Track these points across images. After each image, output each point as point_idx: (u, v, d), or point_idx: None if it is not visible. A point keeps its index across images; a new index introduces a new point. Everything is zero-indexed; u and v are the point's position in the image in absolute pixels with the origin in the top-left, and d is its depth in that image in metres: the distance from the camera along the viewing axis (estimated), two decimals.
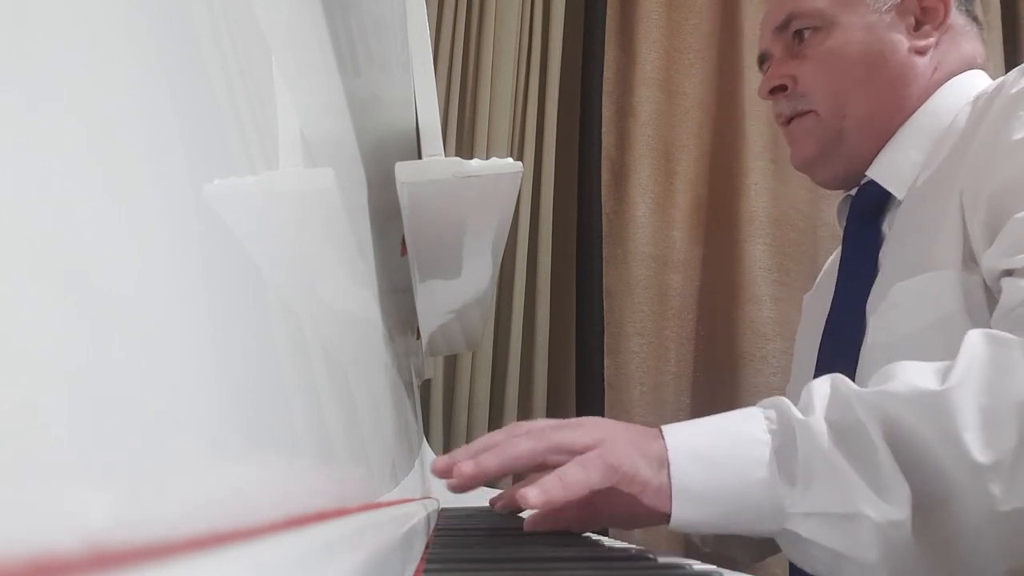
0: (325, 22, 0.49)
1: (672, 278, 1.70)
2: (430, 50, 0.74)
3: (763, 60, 0.89)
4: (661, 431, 0.59)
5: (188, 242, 0.17)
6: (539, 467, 0.59)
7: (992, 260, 0.62)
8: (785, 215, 1.70)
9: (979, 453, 0.49)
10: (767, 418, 0.58)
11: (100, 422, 0.11)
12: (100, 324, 0.11)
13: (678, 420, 1.51)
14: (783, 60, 0.84)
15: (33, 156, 0.10)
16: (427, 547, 0.54)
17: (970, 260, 0.66)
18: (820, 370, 0.78)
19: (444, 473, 0.60)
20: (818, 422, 0.55)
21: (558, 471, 0.55)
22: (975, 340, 0.53)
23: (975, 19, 0.84)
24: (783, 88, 0.84)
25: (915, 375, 0.54)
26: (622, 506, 0.60)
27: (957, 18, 0.81)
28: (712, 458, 0.56)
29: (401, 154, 0.73)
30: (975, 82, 0.80)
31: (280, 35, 0.34)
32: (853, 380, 0.73)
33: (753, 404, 1.26)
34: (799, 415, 0.56)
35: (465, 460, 0.58)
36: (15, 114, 0.10)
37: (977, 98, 0.75)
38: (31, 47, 0.11)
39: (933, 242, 0.69)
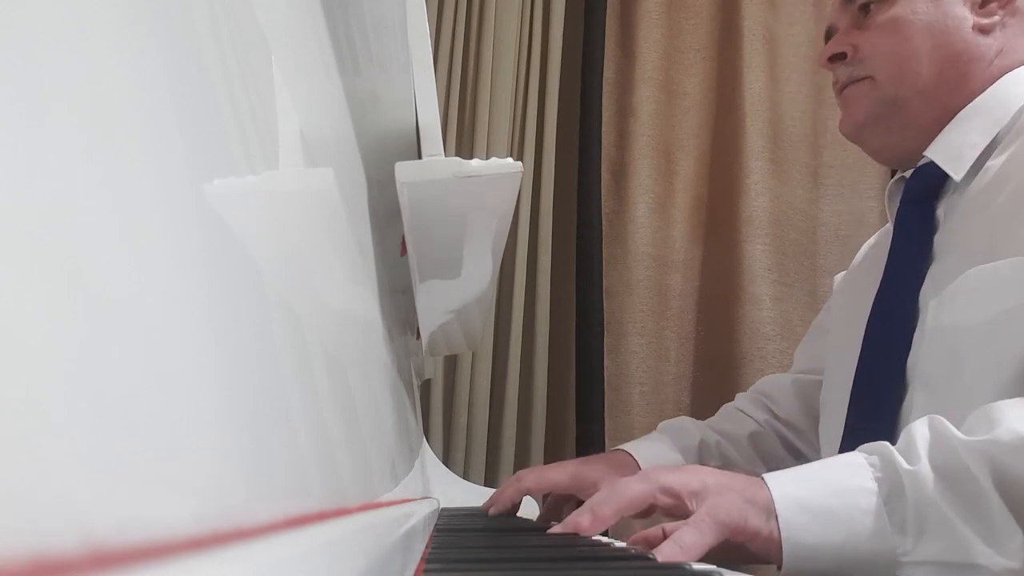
0: (325, 22, 0.49)
1: (672, 278, 1.70)
2: (430, 50, 0.73)
3: (830, 34, 0.90)
4: (764, 480, 0.60)
5: (188, 242, 0.17)
6: (648, 511, 0.62)
7: None
8: (785, 215, 1.70)
9: None
10: (871, 465, 0.58)
11: (100, 421, 0.11)
12: (100, 324, 0.11)
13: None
14: (847, 31, 0.85)
15: (33, 156, 0.10)
16: (427, 547, 0.54)
17: None
18: (867, 353, 0.78)
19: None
20: (925, 470, 0.55)
21: (674, 536, 0.55)
22: None
23: None
24: (842, 56, 0.84)
25: (1020, 421, 0.54)
26: (728, 549, 0.60)
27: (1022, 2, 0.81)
28: (820, 510, 0.57)
29: (401, 154, 0.73)
30: None
31: (280, 35, 0.34)
32: (905, 364, 0.73)
33: None
34: (905, 463, 0.56)
35: (581, 516, 0.61)
36: (14, 113, 0.10)
37: None
38: (31, 47, 0.11)
39: (1011, 228, 0.68)
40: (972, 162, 0.76)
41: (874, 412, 0.75)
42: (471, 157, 0.82)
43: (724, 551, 0.60)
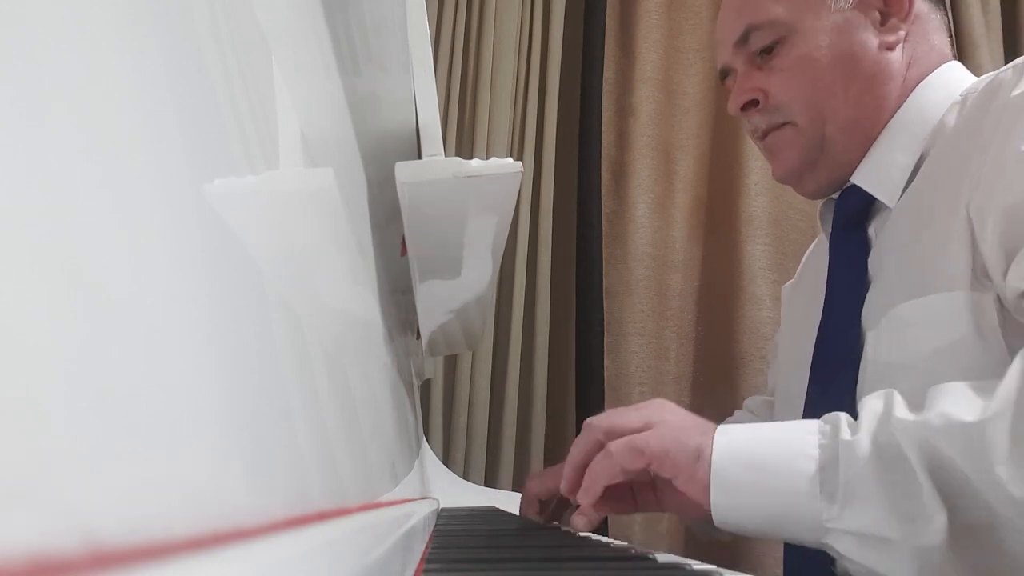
0: (325, 22, 0.49)
1: (672, 278, 1.70)
2: (430, 50, 0.73)
3: (725, 75, 0.86)
4: (717, 428, 0.61)
5: (188, 242, 0.17)
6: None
7: (1015, 280, 0.59)
8: (785, 215, 1.70)
9: (1015, 487, 0.49)
10: (821, 432, 0.58)
11: (100, 421, 0.11)
12: (100, 323, 0.11)
13: None
14: (748, 73, 0.81)
15: (33, 156, 0.10)
16: (427, 547, 0.54)
17: (982, 278, 0.63)
18: (815, 383, 0.77)
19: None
20: (863, 443, 0.56)
21: (589, 466, 0.60)
22: (1019, 367, 0.52)
23: (940, 4, 0.81)
24: (755, 103, 0.81)
25: (954, 404, 0.53)
26: (669, 492, 0.64)
27: (921, 6, 0.78)
28: (755, 463, 0.58)
29: (401, 154, 0.73)
30: (956, 76, 0.77)
31: (280, 35, 0.34)
32: (853, 395, 0.72)
33: None
34: (847, 434, 0.57)
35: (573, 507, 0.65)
36: (14, 113, 0.10)
37: (965, 96, 0.73)
38: (31, 47, 0.11)
39: (939, 258, 0.66)
40: (903, 185, 0.74)
41: None
42: (471, 157, 0.82)
43: (665, 492, 0.65)
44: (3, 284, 0.09)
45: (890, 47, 0.76)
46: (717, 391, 1.64)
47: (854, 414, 0.72)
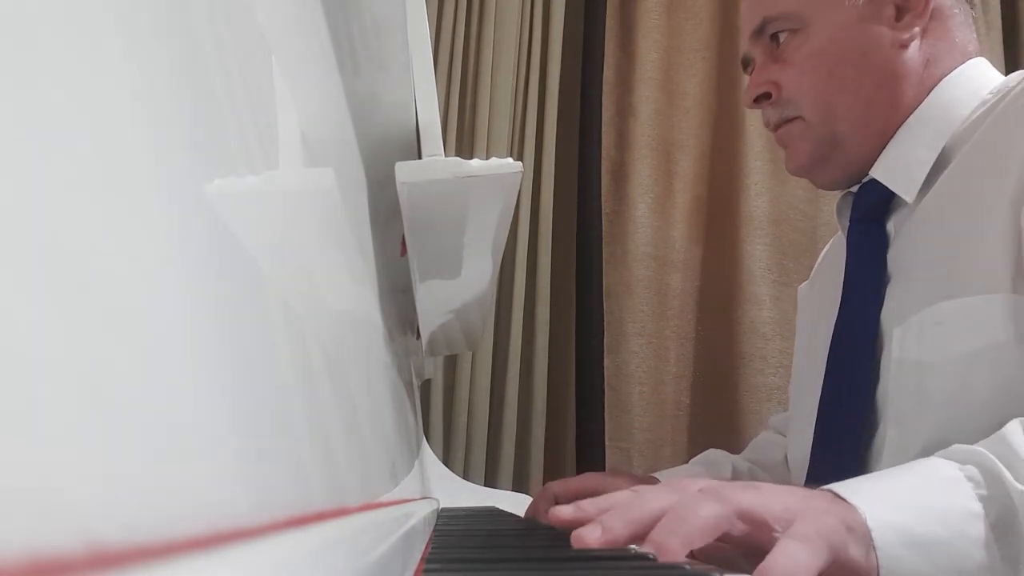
0: (325, 22, 0.49)
1: (672, 278, 1.70)
2: (430, 50, 0.73)
3: (746, 64, 0.86)
4: (845, 499, 0.50)
5: (187, 242, 0.17)
6: (722, 539, 0.49)
7: None
8: (785, 215, 1.70)
9: None
10: (970, 479, 0.51)
11: (100, 421, 0.11)
12: (100, 323, 0.11)
13: (678, 420, 1.51)
14: (764, 65, 0.81)
15: (33, 156, 0.10)
16: (427, 547, 0.54)
17: None
18: (832, 380, 0.75)
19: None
20: None
21: (781, 552, 0.44)
22: None
23: (966, 0, 0.79)
24: (767, 96, 0.80)
25: None
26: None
27: (943, 1, 0.76)
28: (926, 541, 0.49)
29: (401, 154, 0.73)
30: (982, 73, 0.76)
31: (280, 35, 0.34)
32: (873, 396, 0.69)
33: (753, 404, 1.21)
34: (1016, 483, 0.50)
35: (622, 530, 0.50)
36: (14, 114, 0.10)
37: (997, 94, 0.71)
38: (31, 46, 0.11)
39: (976, 258, 0.65)
40: (923, 180, 0.72)
41: (840, 446, 0.72)
42: (471, 157, 0.82)
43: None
44: (4, 285, 0.09)
45: (904, 44, 0.75)
46: (717, 391, 1.64)
47: (871, 411, 0.70)
